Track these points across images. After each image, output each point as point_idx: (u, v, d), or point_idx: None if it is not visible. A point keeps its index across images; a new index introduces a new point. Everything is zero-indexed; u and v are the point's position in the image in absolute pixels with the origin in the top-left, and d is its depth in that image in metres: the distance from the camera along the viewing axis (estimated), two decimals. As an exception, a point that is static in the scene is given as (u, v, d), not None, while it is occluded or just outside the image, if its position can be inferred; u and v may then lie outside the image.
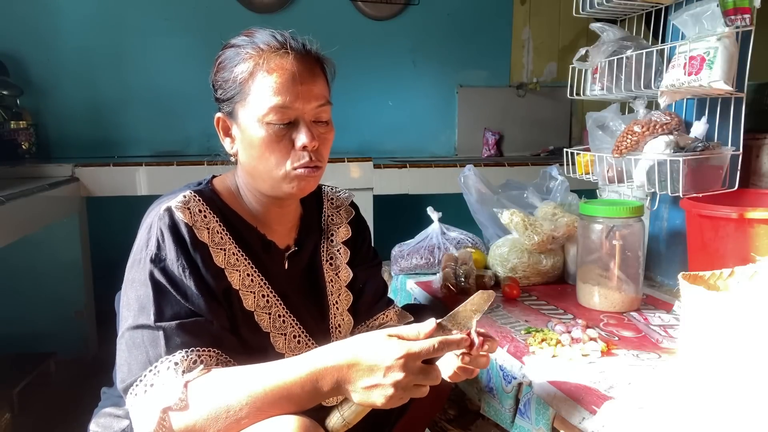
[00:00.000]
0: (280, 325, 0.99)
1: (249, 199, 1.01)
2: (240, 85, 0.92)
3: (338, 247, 1.13)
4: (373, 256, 1.20)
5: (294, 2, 2.96)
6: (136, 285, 0.88)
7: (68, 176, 2.31)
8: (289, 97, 0.91)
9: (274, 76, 0.91)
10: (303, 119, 0.93)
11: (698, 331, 0.96)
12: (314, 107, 0.94)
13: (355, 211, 1.18)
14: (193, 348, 0.84)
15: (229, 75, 0.93)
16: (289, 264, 1.04)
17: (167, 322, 0.84)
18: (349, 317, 1.12)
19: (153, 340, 0.83)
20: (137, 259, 0.90)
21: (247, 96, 0.92)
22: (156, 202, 0.95)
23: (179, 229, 0.89)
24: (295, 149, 0.93)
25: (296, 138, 0.93)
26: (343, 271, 1.12)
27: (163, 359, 0.82)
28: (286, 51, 0.92)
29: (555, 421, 0.96)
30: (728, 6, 1.18)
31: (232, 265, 0.95)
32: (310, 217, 1.11)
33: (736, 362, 0.91)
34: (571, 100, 1.79)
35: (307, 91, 0.92)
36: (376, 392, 0.78)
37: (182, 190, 0.96)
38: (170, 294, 0.86)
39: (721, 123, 1.37)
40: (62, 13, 2.74)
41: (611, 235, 1.30)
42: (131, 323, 0.86)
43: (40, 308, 2.42)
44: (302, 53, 0.94)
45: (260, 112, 0.91)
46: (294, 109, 0.92)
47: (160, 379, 0.81)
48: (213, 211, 0.95)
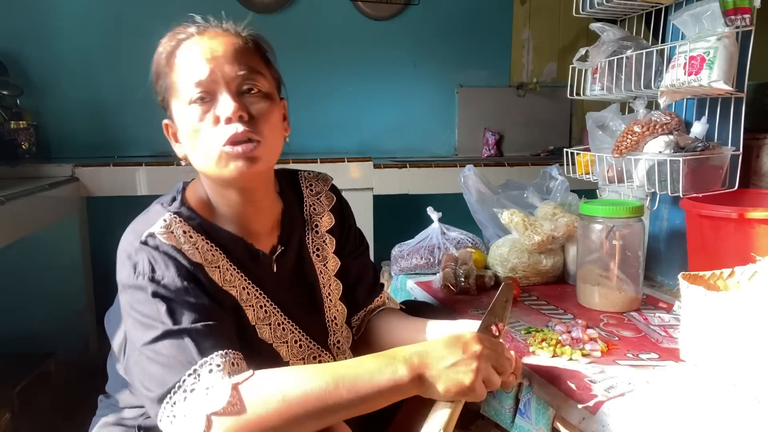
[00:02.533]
0: (281, 333, 0.97)
1: (223, 204, 0.95)
2: (164, 80, 0.91)
3: (323, 238, 1.08)
4: (360, 241, 1.16)
5: (294, 2, 2.96)
6: (138, 306, 0.81)
7: (68, 176, 2.31)
8: (206, 70, 0.86)
9: (189, 55, 0.88)
10: (226, 90, 0.87)
11: (698, 331, 0.96)
12: (235, 75, 0.87)
13: (336, 196, 1.13)
14: (227, 350, 0.78)
15: (156, 76, 0.93)
16: (277, 266, 1.00)
17: (190, 325, 0.78)
18: (342, 306, 1.09)
19: (179, 347, 0.77)
20: (129, 285, 0.83)
21: (171, 87, 0.90)
22: (132, 227, 0.88)
23: (169, 252, 0.84)
24: (221, 125, 0.86)
25: (219, 111, 0.86)
26: (331, 261, 1.08)
27: (201, 362, 0.76)
28: (200, 31, 0.90)
29: (555, 421, 0.96)
30: (728, 6, 1.18)
31: (228, 282, 0.91)
32: (292, 210, 1.06)
33: (736, 362, 0.91)
34: (571, 100, 1.79)
35: (224, 60, 0.87)
36: (461, 368, 0.76)
37: (155, 212, 0.90)
38: (182, 303, 0.80)
39: (721, 123, 1.37)
40: (62, 13, 2.74)
41: (611, 235, 1.30)
42: (145, 339, 0.79)
43: (40, 308, 2.42)
44: (219, 30, 0.91)
45: (184, 96, 0.88)
46: (212, 80, 0.86)
47: (202, 384, 0.75)
48: (196, 230, 0.90)
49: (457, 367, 0.77)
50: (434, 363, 0.77)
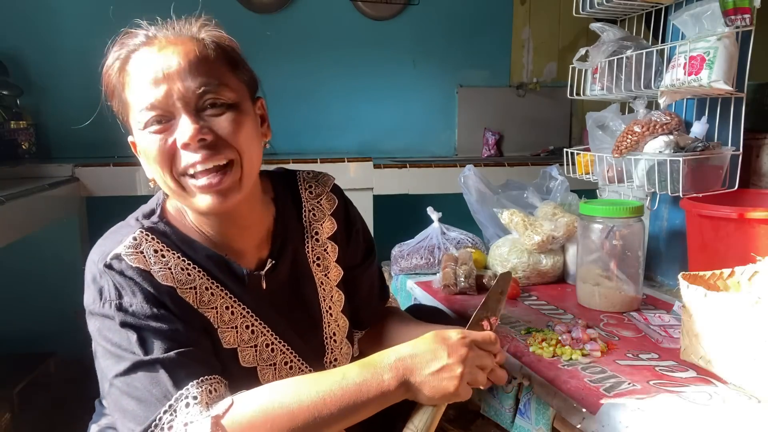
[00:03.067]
0: (268, 355, 0.89)
1: (198, 223, 0.87)
2: (118, 97, 0.82)
3: (324, 246, 0.99)
4: (369, 249, 1.07)
5: (294, 2, 2.96)
6: (107, 334, 0.77)
7: (68, 176, 2.30)
8: (158, 90, 0.76)
9: (140, 72, 0.78)
10: (184, 111, 0.77)
11: (698, 331, 0.96)
12: (194, 92, 0.77)
13: (338, 198, 1.02)
14: (202, 377, 0.74)
15: (108, 93, 0.84)
16: (268, 282, 0.91)
17: (163, 354, 0.74)
18: (344, 320, 1.01)
19: (153, 380, 0.73)
20: (96, 312, 0.78)
21: (126, 107, 0.81)
22: (99, 243, 0.82)
23: (134, 278, 0.77)
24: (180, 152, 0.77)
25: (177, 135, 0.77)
26: (333, 270, 0.99)
27: (176, 396, 0.72)
28: (149, 41, 0.81)
29: (555, 421, 0.96)
30: (728, 6, 1.18)
31: (206, 303, 0.83)
32: (286, 217, 0.96)
33: (736, 362, 0.91)
34: (571, 100, 1.79)
35: (179, 76, 0.76)
36: (445, 375, 0.75)
37: (129, 226, 0.84)
38: (153, 331, 0.75)
39: (721, 123, 1.37)
40: (62, 13, 2.74)
41: (611, 235, 1.30)
42: (117, 371, 0.74)
43: (40, 308, 2.42)
44: (171, 36, 0.81)
45: (138, 118, 0.78)
46: (166, 102, 0.76)
47: (180, 419, 0.71)
48: (171, 248, 0.82)
49: (441, 374, 0.75)
50: (419, 369, 0.75)
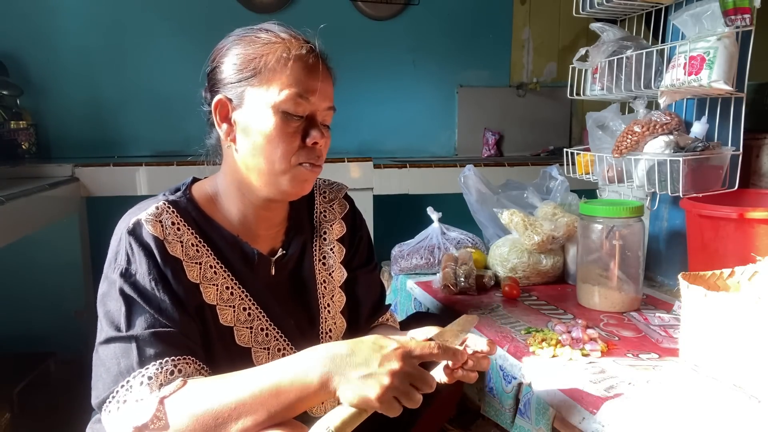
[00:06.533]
0: (262, 339, 0.95)
1: (233, 204, 0.96)
2: (258, 66, 0.89)
3: (331, 246, 1.07)
4: (370, 256, 1.14)
5: (294, 2, 2.96)
6: (106, 300, 0.85)
7: (68, 176, 2.30)
8: (310, 90, 0.89)
9: (299, 65, 0.89)
10: (317, 116, 0.92)
11: (698, 331, 0.96)
12: (327, 107, 0.93)
13: (350, 204, 1.13)
14: (168, 358, 0.80)
15: (243, 57, 0.90)
16: (276, 269, 0.99)
17: (140, 331, 0.81)
18: (342, 320, 1.06)
19: (125, 351, 0.80)
20: (107, 274, 0.87)
21: (264, 79, 0.88)
22: (129, 211, 0.91)
23: (149, 243, 0.86)
24: (304, 145, 0.90)
25: (309, 133, 0.90)
26: (337, 271, 1.06)
27: (135, 373, 0.78)
28: (309, 46, 0.92)
29: (555, 421, 0.96)
30: (728, 6, 1.18)
31: (208, 279, 0.91)
32: (300, 215, 1.05)
33: (736, 362, 0.91)
34: (571, 100, 1.79)
35: (324, 89, 0.91)
36: (370, 382, 0.72)
37: (156, 199, 0.92)
38: (142, 307, 0.83)
39: (721, 123, 1.37)
40: (62, 13, 2.74)
41: (611, 235, 1.30)
42: (103, 338, 0.83)
43: (40, 308, 2.41)
44: (320, 53, 0.93)
45: (277, 98, 0.88)
46: (311, 103, 0.90)
47: (133, 395, 0.77)
48: (188, 223, 0.91)
49: (366, 381, 0.72)
50: (347, 368, 0.73)
